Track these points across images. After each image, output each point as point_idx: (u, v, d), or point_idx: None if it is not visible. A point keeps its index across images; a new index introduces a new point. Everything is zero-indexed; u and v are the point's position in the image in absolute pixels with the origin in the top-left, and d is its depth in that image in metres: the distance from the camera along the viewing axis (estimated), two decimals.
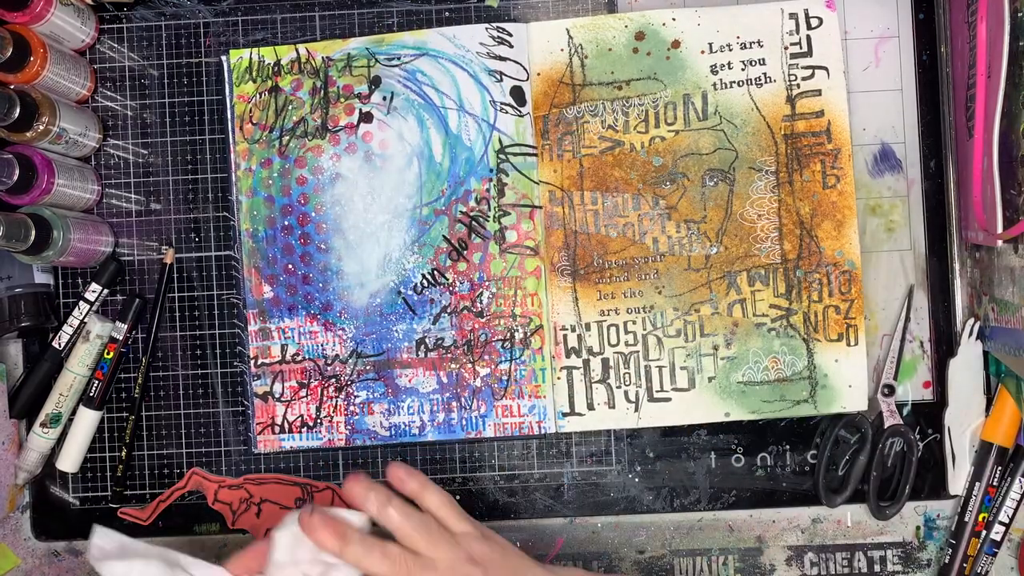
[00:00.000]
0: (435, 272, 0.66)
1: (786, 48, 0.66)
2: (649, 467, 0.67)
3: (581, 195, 0.66)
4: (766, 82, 0.66)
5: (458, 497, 0.67)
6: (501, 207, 0.66)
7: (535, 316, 0.66)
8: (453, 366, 0.66)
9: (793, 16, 0.66)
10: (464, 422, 0.66)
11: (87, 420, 0.66)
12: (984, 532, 0.65)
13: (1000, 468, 0.65)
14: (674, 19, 0.66)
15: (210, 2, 0.68)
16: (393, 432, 0.66)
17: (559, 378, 0.66)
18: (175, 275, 0.68)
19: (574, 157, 0.66)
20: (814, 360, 0.65)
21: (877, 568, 0.67)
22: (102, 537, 0.50)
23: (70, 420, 0.66)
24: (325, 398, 0.66)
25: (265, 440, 0.66)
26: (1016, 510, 0.65)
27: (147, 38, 0.68)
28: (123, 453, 0.67)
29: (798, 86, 0.66)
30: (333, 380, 0.66)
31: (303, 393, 0.66)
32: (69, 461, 0.66)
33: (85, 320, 0.66)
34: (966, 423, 0.66)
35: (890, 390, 0.66)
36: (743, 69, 0.66)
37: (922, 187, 0.67)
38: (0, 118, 0.58)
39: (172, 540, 0.67)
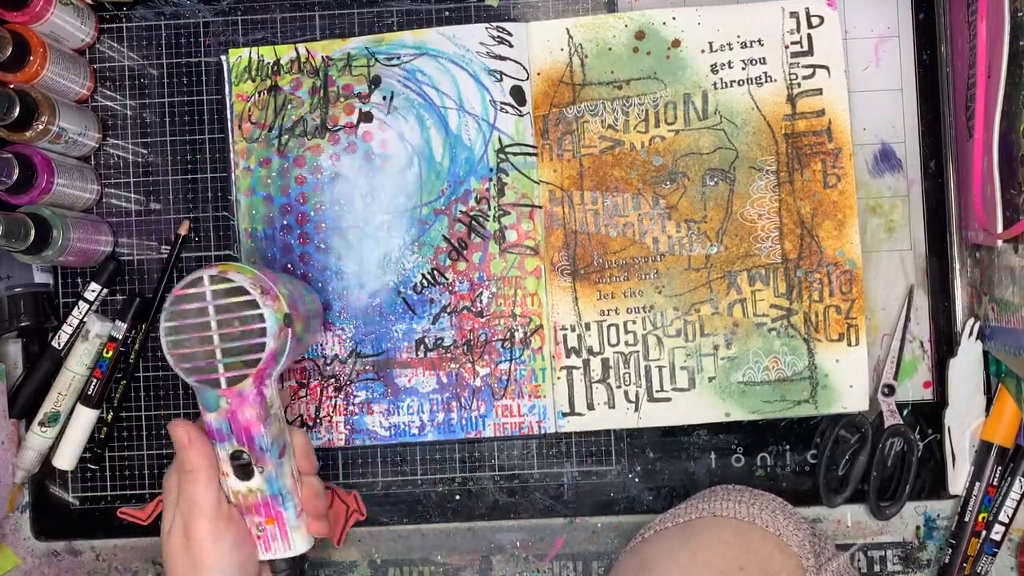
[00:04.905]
0: (435, 272, 0.66)
1: (787, 47, 0.66)
2: (649, 467, 0.67)
3: (581, 195, 0.66)
4: (767, 81, 0.66)
5: (457, 497, 0.67)
6: (501, 207, 0.66)
7: (535, 316, 0.66)
8: (453, 366, 0.66)
9: (794, 15, 0.66)
10: (464, 422, 0.66)
11: (85, 418, 0.66)
12: (984, 532, 0.65)
13: (1000, 468, 0.65)
14: (674, 18, 0.66)
15: (210, 1, 0.68)
16: (393, 432, 0.66)
17: (559, 378, 0.66)
18: (175, 275, 0.67)
19: (574, 157, 0.66)
20: (815, 360, 0.65)
21: (877, 568, 0.67)
22: None
23: (68, 419, 0.66)
24: (324, 398, 0.66)
25: None
26: (1016, 510, 0.65)
27: (147, 38, 0.68)
28: (98, 451, 0.67)
29: (799, 85, 0.65)
30: (332, 380, 0.66)
31: (302, 393, 0.66)
32: (66, 458, 0.66)
33: (84, 319, 0.66)
34: (966, 423, 0.66)
35: (890, 390, 0.66)
36: (743, 68, 0.66)
37: (922, 187, 0.67)
38: (0, 117, 0.58)
39: None
